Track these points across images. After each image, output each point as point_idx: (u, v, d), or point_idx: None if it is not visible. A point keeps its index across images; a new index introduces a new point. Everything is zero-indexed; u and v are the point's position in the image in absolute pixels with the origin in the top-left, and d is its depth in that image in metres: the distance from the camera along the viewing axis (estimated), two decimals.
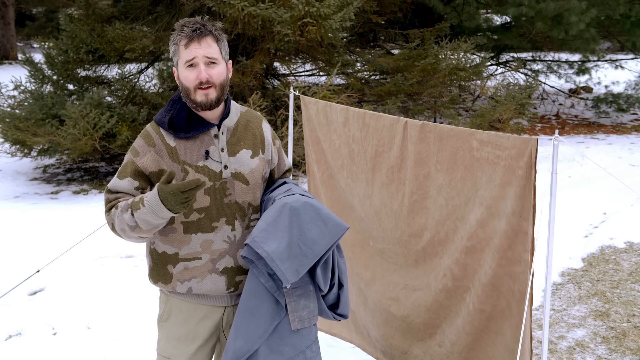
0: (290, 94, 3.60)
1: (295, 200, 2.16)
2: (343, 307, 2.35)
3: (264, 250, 2.07)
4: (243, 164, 2.24)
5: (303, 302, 2.20)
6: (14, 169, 8.40)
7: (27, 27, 22.12)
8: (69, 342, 3.86)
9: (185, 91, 2.16)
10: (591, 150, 9.54)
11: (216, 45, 2.17)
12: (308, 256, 2.11)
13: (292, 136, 3.69)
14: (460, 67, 9.35)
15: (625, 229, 5.83)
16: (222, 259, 2.22)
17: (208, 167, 2.19)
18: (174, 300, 2.29)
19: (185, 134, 2.18)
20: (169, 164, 2.17)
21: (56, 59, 8.26)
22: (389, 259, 3.11)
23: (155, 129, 2.22)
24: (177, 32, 2.15)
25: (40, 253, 5.02)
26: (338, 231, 2.16)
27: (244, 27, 7.28)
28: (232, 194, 2.22)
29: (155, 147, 2.18)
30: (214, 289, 2.23)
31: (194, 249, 2.21)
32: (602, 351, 3.81)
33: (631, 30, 11.31)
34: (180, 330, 2.29)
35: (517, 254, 2.50)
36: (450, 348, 2.88)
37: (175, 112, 2.20)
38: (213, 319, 2.29)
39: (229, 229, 2.22)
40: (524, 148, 2.40)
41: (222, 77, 2.17)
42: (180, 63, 2.15)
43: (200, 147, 2.19)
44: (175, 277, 2.23)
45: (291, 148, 3.70)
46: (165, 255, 2.24)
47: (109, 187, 2.23)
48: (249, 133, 2.30)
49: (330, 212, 2.19)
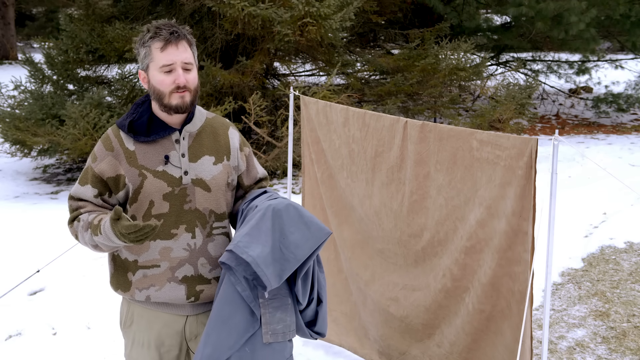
0: (290, 94, 3.60)
1: (279, 202, 2.10)
2: (321, 325, 2.26)
3: (249, 255, 1.99)
4: (204, 170, 2.18)
5: (279, 315, 2.12)
6: (14, 169, 8.40)
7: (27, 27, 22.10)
8: (69, 342, 3.86)
9: (158, 95, 2.09)
10: (591, 150, 9.53)
11: (190, 50, 2.11)
12: (290, 261, 2.04)
13: (292, 136, 3.69)
14: (460, 67, 9.34)
15: (625, 229, 5.83)
16: (182, 267, 2.16)
17: (167, 172, 2.13)
18: (135, 307, 2.25)
19: (145, 137, 2.12)
20: (126, 169, 2.12)
21: (56, 59, 8.26)
22: (389, 259, 3.11)
23: (115, 133, 2.17)
24: (151, 35, 2.07)
25: (40, 253, 5.02)
26: (321, 236, 2.09)
27: (244, 27, 7.28)
28: (192, 201, 2.16)
29: (114, 151, 2.13)
30: (172, 297, 2.18)
31: (153, 256, 2.15)
32: (602, 351, 3.81)
33: (631, 30, 11.30)
34: (145, 336, 2.24)
35: (517, 254, 2.50)
36: (450, 348, 2.88)
37: (137, 115, 2.15)
38: (174, 327, 2.23)
39: (189, 237, 2.16)
40: (524, 148, 2.40)
41: (196, 82, 2.12)
42: (154, 67, 2.08)
43: (160, 151, 2.14)
44: (134, 284, 2.19)
45: (291, 148, 3.70)
46: (126, 262, 2.19)
47: (72, 193, 2.19)
48: (213, 139, 2.23)
49: (313, 216, 2.13)
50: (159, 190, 2.13)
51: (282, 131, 7.82)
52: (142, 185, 2.12)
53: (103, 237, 2.01)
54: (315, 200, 3.54)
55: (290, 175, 3.69)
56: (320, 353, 3.77)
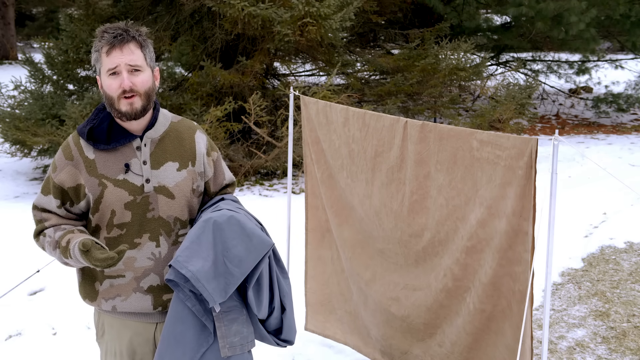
0: (290, 94, 3.60)
1: (221, 215, 2.03)
2: (287, 332, 2.21)
3: (188, 270, 1.94)
4: (167, 177, 2.12)
5: (235, 328, 2.06)
6: (14, 169, 8.40)
7: (27, 27, 22.10)
8: (69, 342, 3.86)
9: (109, 100, 2.04)
10: (591, 150, 9.53)
11: (140, 52, 2.05)
12: (235, 274, 1.99)
13: (292, 136, 3.69)
14: (460, 67, 9.34)
15: (625, 229, 5.83)
16: (147, 277, 2.12)
17: (128, 181, 2.08)
18: (105, 317, 2.22)
19: (105, 145, 2.07)
20: (86, 178, 2.07)
21: (56, 59, 8.25)
22: (389, 259, 3.11)
23: (75, 141, 2.11)
24: (98, 39, 2.03)
25: (40, 253, 5.01)
26: (263, 248, 2.04)
27: (244, 27, 7.28)
28: (155, 209, 2.11)
29: (73, 160, 2.08)
30: (138, 307, 2.14)
31: (117, 266, 2.10)
32: (602, 351, 3.81)
33: (631, 30, 11.31)
34: (116, 346, 2.21)
35: (517, 254, 2.50)
36: (451, 348, 2.88)
37: (98, 122, 2.10)
38: (144, 335, 2.20)
39: (153, 246, 2.11)
40: (524, 148, 2.40)
41: (147, 85, 2.06)
42: (103, 71, 2.04)
43: (120, 159, 2.09)
44: (101, 294, 2.15)
45: (291, 148, 3.70)
46: (94, 271, 2.15)
47: (35, 203, 2.15)
48: (177, 144, 2.17)
49: (255, 227, 2.07)
50: (119, 200, 2.08)
51: (282, 131, 7.82)
52: (102, 195, 2.07)
53: (74, 261, 2.00)
54: (317, 200, 3.54)
55: (290, 175, 3.69)
56: (323, 351, 3.77)
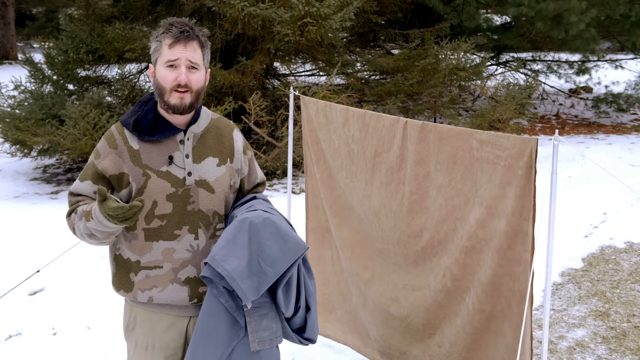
0: (290, 94, 3.60)
1: (256, 215, 2.08)
2: (310, 331, 2.26)
3: (224, 269, 2.00)
4: (208, 171, 2.18)
5: (265, 323, 2.12)
6: (14, 169, 8.40)
7: (27, 27, 22.11)
8: (69, 342, 3.86)
9: (160, 91, 2.10)
10: (591, 150, 9.53)
11: (200, 51, 2.12)
12: (268, 274, 2.04)
13: (292, 136, 3.69)
14: (460, 67, 9.35)
15: (625, 229, 5.83)
16: (185, 269, 2.16)
17: (171, 173, 2.13)
18: (138, 309, 2.24)
19: (149, 137, 2.12)
20: (130, 167, 2.12)
21: (56, 59, 8.26)
22: (388, 259, 3.11)
23: (119, 130, 2.17)
24: (164, 30, 2.09)
25: (40, 253, 5.02)
26: (298, 250, 2.09)
27: (244, 27, 7.28)
28: (195, 202, 2.15)
29: (117, 149, 2.13)
30: (175, 299, 2.17)
31: (155, 257, 2.14)
32: (602, 351, 3.81)
33: (631, 30, 11.31)
34: (147, 340, 2.23)
35: (517, 254, 2.50)
36: (450, 348, 2.88)
37: (142, 114, 2.15)
38: (178, 328, 2.23)
39: (192, 238, 2.16)
40: (524, 148, 2.40)
41: (200, 84, 2.12)
42: (161, 61, 2.09)
43: (164, 151, 2.14)
44: (137, 285, 2.17)
45: (291, 148, 3.70)
46: (129, 262, 2.18)
47: (71, 189, 2.19)
48: (218, 141, 2.24)
49: (290, 230, 2.13)
50: (162, 191, 2.12)
51: (282, 131, 7.82)
52: (145, 184, 2.12)
53: (95, 222, 2.02)
54: (318, 200, 3.54)
55: (290, 175, 3.69)
56: (323, 351, 3.77)
